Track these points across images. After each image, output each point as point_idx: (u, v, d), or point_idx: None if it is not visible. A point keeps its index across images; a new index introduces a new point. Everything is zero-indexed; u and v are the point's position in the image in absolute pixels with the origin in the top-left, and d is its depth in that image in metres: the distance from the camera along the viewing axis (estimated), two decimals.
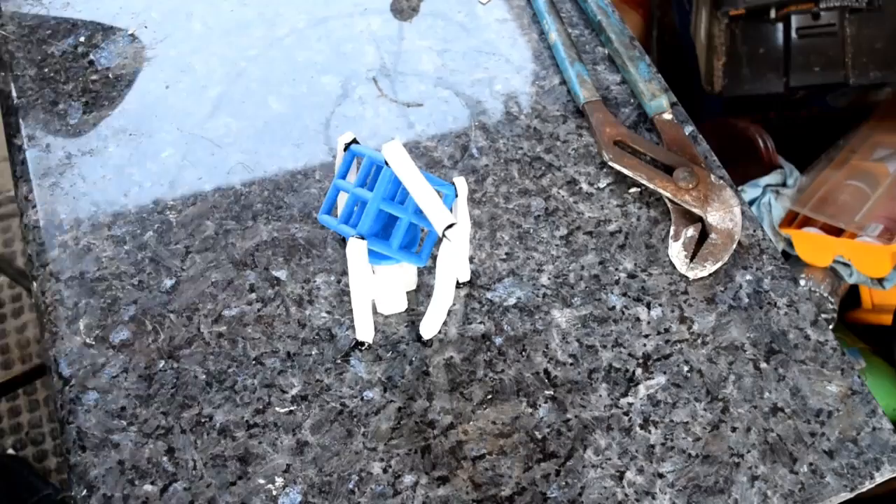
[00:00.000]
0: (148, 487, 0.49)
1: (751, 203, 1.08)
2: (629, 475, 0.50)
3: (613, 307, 0.56)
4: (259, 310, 0.55)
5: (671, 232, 0.59)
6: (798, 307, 0.57)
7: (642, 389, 0.53)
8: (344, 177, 0.52)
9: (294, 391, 0.52)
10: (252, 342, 0.54)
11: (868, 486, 0.51)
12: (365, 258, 0.47)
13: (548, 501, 0.49)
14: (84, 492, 0.48)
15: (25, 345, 1.42)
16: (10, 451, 1.30)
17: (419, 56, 0.68)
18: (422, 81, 0.67)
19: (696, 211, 0.59)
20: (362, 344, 0.54)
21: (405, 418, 0.52)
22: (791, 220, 1.08)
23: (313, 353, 0.54)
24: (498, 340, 0.55)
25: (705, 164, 0.62)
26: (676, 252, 0.58)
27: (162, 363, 0.53)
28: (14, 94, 0.65)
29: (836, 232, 1.05)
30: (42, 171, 0.61)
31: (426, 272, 0.57)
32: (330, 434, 0.51)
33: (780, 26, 1.09)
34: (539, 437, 0.51)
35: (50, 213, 0.58)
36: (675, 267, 0.58)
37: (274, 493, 0.49)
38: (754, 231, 0.60)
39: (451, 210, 0.49)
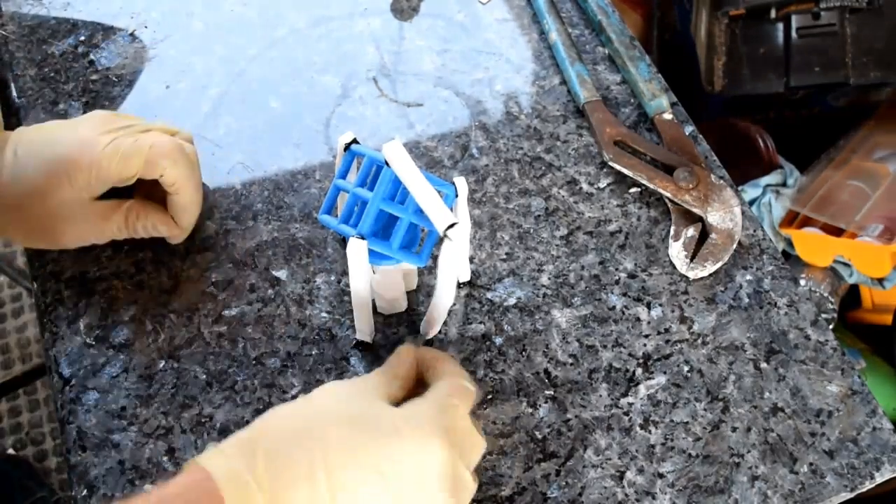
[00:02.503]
0: (148, 487, 0.49)
1: (751, 203, 1.08)
2: (629, 475, 0.50)
3: (613, 307, 0.56)
4: (259, 310, 0.55)
5: (671, 232, 0.59)
6: (798, 307, 0.57)
7: (642, 389, 0.53)
8: (344, 177, 0.52)
9: (294, 391, 0.52)
10: (252, 342, 0.54)
11: (868, 486, 0.51)
12: (365, 258, 0.47)
13: (548, 501, 0.49)
14: (84, 492, 0.48)
15: (25, 345, 1.42)
16: (11, 451, 1.30)
17: (419, 56, 0.68)
18: (422, 81, 0.67)
19: (697, 211, 0.59)
20: (362, 344, 0.54)
21: None
22: (791, 220, 1.08)
23: (313, 353, 0.54)
24: (498, 340, 0.55)
25: (705, 164, 0.62)
26: (676, 252, 0.58)
27: (162, 363, 0.53)
28: (14, 94, 0.65)
29: (836, 232, 1.05)
30: None
31: (426, 272, 0.57)
32: None
33: (780, 26, 1.08)
34: (539, 437, 0.51)
35: None
36: (675, 267, 0.58)
37: None
38: (754, 231, 0.60)
39: (451, 210, 0.49)
